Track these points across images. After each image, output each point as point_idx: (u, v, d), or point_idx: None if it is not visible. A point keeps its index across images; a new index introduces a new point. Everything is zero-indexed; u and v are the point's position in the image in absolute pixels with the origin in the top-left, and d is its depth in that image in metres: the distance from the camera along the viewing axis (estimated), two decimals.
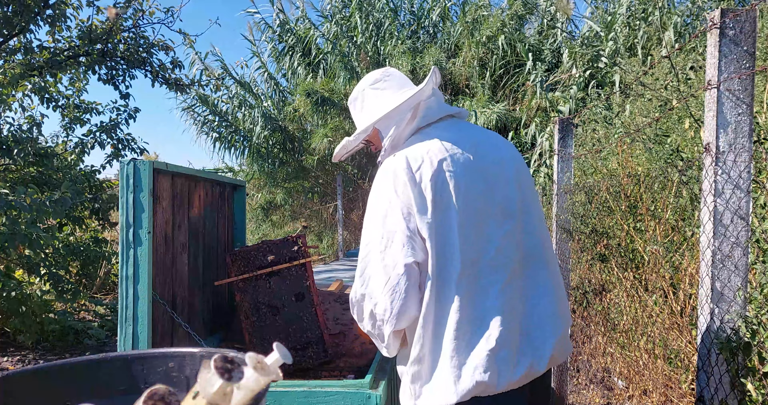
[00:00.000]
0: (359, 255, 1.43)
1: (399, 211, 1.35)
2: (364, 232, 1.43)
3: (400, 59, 10.25)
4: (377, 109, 1.55)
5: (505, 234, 1.40)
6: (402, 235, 1.33)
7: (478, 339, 1.32)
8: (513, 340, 1.36)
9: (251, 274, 2.49)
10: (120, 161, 2.07)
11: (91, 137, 6.35)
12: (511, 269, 1.39)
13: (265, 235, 12.73)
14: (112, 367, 1.16)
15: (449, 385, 1.30)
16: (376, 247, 1.37)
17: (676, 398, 2.67)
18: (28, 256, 5.00)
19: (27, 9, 5.30)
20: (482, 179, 1.41)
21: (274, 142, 11.99)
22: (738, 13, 1.57)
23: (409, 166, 1.38)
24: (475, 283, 1.35)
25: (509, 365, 1.33)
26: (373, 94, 1.60)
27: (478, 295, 1.35)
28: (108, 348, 5.14)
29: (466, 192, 1.37)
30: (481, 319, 1.34)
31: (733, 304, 1.61)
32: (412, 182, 1.35)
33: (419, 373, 1.36)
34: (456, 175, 1.37)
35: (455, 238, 1.34)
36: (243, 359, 0.83)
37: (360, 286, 1.40)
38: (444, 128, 1.50)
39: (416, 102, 1.51)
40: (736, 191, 1.60)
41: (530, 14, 10.17)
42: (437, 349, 1.34)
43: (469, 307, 1.33)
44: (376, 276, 1.36)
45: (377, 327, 1.39)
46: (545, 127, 7.53)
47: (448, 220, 1.34)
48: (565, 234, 3.57)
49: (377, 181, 1.43)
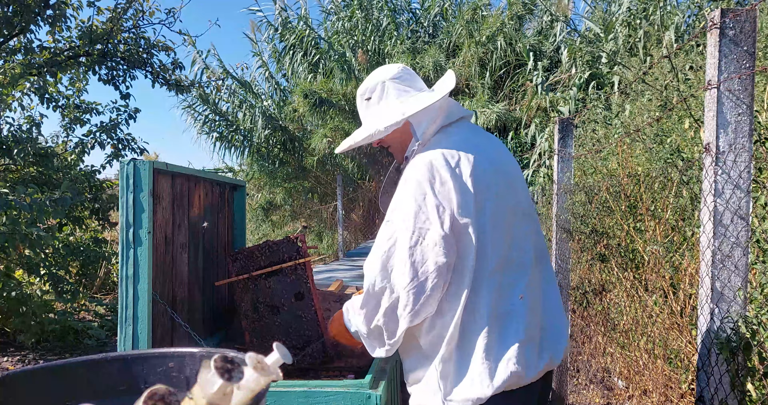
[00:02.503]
0: (378, 248, 1.40)
1: (435, 209, 1.33)
2: (386, 225, 1.40)
3: (399, 59, 10.25)
4: (410, 104, 1.52)
5: (525, 234, 1.45)
6: (436, 233, 1.32)
7: (508, 333, 1.35)
8: (536, 334, 1.41)
9: (251, 275, 2.49)
10: (120, 161, 2.07)
11: (91, 137, 6.34)
12: (531, 268, 1.44)
13: (265, 235, 12.74)
14: (112, 367, 1.16)
15: (484, 379, 1.32)
16: (405, 241, 1.34)
17: (676, 398, 2.67)
18: (28, 256, 5.00)
19: (27, 9, 5.30)
20: (506, 181, 1.45)
21: (275, 141, 12.00)
22: (738, 13, 1.57)
23: (447, 162, 1.37)
24: (504, 281, 1.38)
25: (535, 358, 1.38)
26: (395, 87, 1.57)
27: (506, 292, 1.38)
28: (108, 348, 5.14)
29: (498, 192, 1.40)
30: (509, 315, 1.37)
31: (733, 304, 1.61)
32: (453, 178, 1.35)
33: (448, 368, 1.37)
34: (488, 174, 1.39)
35: (488, 238, 1.36)
36: (243, 359, 0.83)
37: (381, 279, 1.37)
38: (465, 128, 1.53)
39: (445, 101, 1.53)
40: (736, 191, 1.60)
41: (530, 14, 10.18)
42: (469, 344, 1.35)
43: (499, 304, 1.36)
44: (401, 271, 1.34)
45: (394, 321, 1.37)
46: (545, 128, 7.52)
47: (484, 218, 1.36)
48: (565, 234, 3.57)
49: (411, 175, 1.40)
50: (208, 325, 2.79)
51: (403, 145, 1.58)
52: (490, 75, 9.54)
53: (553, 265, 3.59)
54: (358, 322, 1.48)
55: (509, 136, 8.46)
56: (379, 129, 1.53)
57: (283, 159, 12.16)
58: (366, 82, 1.62)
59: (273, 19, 12.68)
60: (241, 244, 3.24)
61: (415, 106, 1.50)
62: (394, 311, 1.36)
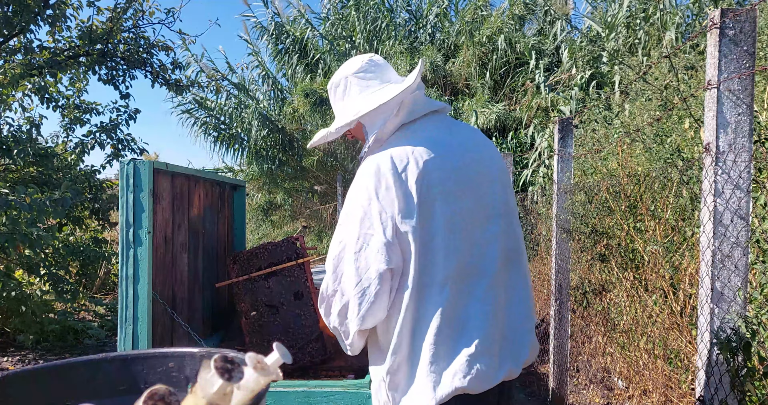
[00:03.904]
0: (331, 251, 1.39)
1: (378, 215, 1.30)
2: (339, 228, 1.39)
3: (398, 59, 10.25)
4: (364, 103, 1.46)
5: (490, 237, 1.38)
6: (378, 240, 1.29)
7: (459, 344, 1.30)
8: (495, 344, 1.34)
9: (250, 276, 2.49)
10: (120, 161, 2.07)
11: (91, 137, 6.35)
12: (493, 273, 1.36)
13: (265, 235, 12.75)
14: (112, 367, 1.16)
15: (428, 391, 1.28)
16: (351, 247, 1.33)
17: (676, 398, 2.67)
18: (28, 256, 5.00)
19: (27, 9, 5.30)
20: (468, 180, 1.38)
21: (273, 142, 12.00)
22: (738, 13, 1.57)
23: (394, 166, 1.32)
24: (459, 288, 1.32)
25: (490, 370, 1.31)
26: (357, 83, 1.50)
27: (461, 300, 1.32)
28: (108, 348, 5.14)
29: (453, 194, 1.33)
30: (463, 323, 1.31)
31: (733, 304, 1.61)
32: (397, 184, 1.30)
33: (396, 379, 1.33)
34: (443, 176, 1.33)
35: (440, 243, 1.31)
36: (243, 359, 0.83)
37: (332, 282, 1.36)
38: (429, 125, 1.44)
39: (404, 97, 1.45)
40: (736, 191, 1.60)
41: (530, 14, 10.18)
42: (416, 354, 1.31)
43: (452, 312, 1.30)
44: (348, 275, 1.33)
45: (344, 324, 1.36)
46: (545, 128, 7.52)
47: (434, 224, 1.31)
48: (565, 234, 3.57)
49: (359, 179, 1.37)
50: (208, 325, 2.79)
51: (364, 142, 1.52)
52: (490, 75, 9.54)
53: (553, 265, 3.59)
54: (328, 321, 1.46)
55: (509, 136, 8.45)
56: (331, 131, 1.51)
57: (283, 159, 12.16)
58: (334, 76, 1.56)
59: (266, 24, 12.68)
60: (241, 244, 3.24)
61: (368, 104, 1.44)
62: (345, 315, 1.35)
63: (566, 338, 3.55)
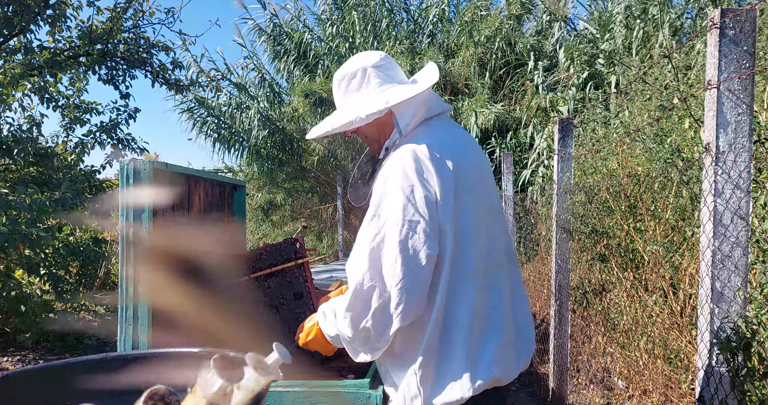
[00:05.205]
0: (362, 247, 1.31)
1: (423, 200, 1.27)
2: (371, 222, 1.32)
3: (398, 60, 10.26)
4: (393, 94, 1.44)
5: (498, 232, 1.43)
6: (425, 225, 1.26)
7: (489, 335, 1.33)
8: (513, 336, 1.39)
9: (249, 277, 2.49)
10: (120, 161, 2.07)
11: (91, 137, 6.35)
12: (505, 267, 1.42)
13: (265, 235, 12.74)
14: (112, 367, 1.16)
15: (465, 381, 1.29)
16: (394, 235, 1.26)
17: (676, 398, 2.67)
18: (28, 256, 4.99)
19: (27, 9, 5.30)
20: (482, 178, 1.43)
21: (273, 143, 12.00)
22: (738, 13, 1.57)
23: (433, 154, 1.32)
24: (485, 282, 1.34)
25: (514, 360, 1.37)
26: (377, 75, 1.48)
27: (487, 292, 1.34)
28: (108, 348, 5.14)
29: (477, 188, 1.37)
30: (489, 316, 1.34)
31: (733, 304, 1.61)
32: (438, 170, 1.30)
33: (428, 373, 1.31)
34: (468, 170, 1.36)
35: (469, 235, 1.31)
36: (243, 359, 0.83)
37: (369, 278, 1.28)
38: (445, 123, 1.49)
39: (427, 94, 1.48)
40: (736, 191, 1.60)
41: (528, 14, 10.18)
42: (449, 346, 1.31)
43: (480, 304, 1.33)
44: (391, 267, 1.27)
45: (380, 323, 1.29)
46: (544, 128, 7.52)
47: (466, 215, 1.32)
48: (565, 234, 3.57)
49: (396, 165, 1.33)
50: None
51: (380, 136, 1.51)
52: (490, 75, 9.54)
53: (553, 265, 3.59)
54: (342, 326, 1.37)
55: (509, 136, 8.45)
56: (360, 116, 1.43)
57: (283, 159, 12.16)
58: (346, 67, 1.52)
59: (264, 26, 12.69)
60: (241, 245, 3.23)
61: (399, 95, 1.43)
62: (385, 311, 1.28)
63: (566, 338, 3.55)
